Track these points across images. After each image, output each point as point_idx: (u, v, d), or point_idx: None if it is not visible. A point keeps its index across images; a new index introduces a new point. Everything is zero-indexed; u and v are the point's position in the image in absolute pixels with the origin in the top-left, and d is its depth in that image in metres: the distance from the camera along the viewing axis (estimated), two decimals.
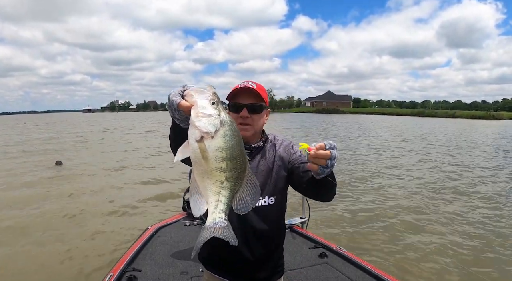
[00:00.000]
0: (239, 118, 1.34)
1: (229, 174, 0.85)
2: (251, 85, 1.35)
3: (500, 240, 4.74)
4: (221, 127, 0.83)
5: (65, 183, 8.38)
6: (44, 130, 30.94)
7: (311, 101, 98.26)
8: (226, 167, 0.84)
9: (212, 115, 0.82)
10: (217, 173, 0.84)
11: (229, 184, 0.86)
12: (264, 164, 1.41)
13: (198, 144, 0.82)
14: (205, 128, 0.81)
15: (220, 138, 0.82)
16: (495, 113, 68.14)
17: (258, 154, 1.43)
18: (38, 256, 4.27)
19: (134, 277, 2.30)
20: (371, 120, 48.36)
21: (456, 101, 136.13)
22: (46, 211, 6.11)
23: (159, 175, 9.18)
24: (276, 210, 1.43)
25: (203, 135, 0.81)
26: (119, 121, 49.34)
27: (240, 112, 1.34)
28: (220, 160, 0.83)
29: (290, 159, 1.41)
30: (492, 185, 8.33)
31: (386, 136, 22.43)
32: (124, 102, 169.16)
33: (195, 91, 0.85)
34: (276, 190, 1.41)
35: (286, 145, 1.47)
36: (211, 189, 0.86)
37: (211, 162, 0.83)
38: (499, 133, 26.92)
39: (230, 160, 0.84)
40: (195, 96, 0.84)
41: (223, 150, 0.82)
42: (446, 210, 6.10)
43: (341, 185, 7.86)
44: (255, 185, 0.90)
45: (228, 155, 0.83)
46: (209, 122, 0.82)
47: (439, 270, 3.95)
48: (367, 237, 4.87)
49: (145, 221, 5.24)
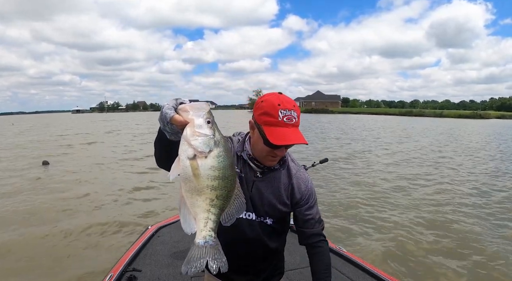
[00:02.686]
0: (272, 152, 1.24)
1: (219, 192, 0.84)
2: (295, 118, 1.20)
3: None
4: (215, 148, 0.82)
5: (56, 183, 8.28)
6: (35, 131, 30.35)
7: (301, 101, 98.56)
8: (218, 186, 0.83)
9: (207, 135, 0.81)
10: (208, 191, 0.83)
11: (219, 202, 0.85)
12: (272, 187, 1.35)
13: (190, 162, 0.81)
14: (200, 148, 0.80)
15: (214, 158, 0.82)
16: (482, 113, 69.69)
17: (269, 174, 1.35)
18: (37, 256, 4.22)
19: (134, 277, 2.29)
20: (361, 119, 48.80)
21: (444, 101, 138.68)
22: (45, 211, 6.05)
23: (159, 174, 9.06)
24: (278, 228, 1.41)
25: (197, 154, 0.81)
26: (116, 121, 48.68)
27: (276, 149, 1.23)
28: (212, 179, 0.82)
29: (299, 205, 1.37)
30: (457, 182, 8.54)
31: (384, 135, 22.77)
32: (113, 103, 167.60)
33: (192, 107, 0.84)
34: (277, 213, 1.37)
35: (304, 182, 1.38)
36: (200, 206, 0.85)
37: (203, 180, 0.82)
38: (483, 132, 27.73)
39: (222, 179, 0.83)
40: (191, 113, 0.83)
41: (216, 169, 0.82)
42: (446, 210, 6.14)
43: (341, 185, 7.90)
44: (242, 202, 0.90)
45: (220, 175, 0.83)
46: (204, 142, 0.81)
47: (439, 270, 3.95)
48: (367, 237, 4.87)
49: (145, 221, 5.23)
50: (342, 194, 7.14)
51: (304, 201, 1.37)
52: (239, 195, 0.90)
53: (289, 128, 1.18)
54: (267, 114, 1.19)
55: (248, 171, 1.32)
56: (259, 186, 1.33)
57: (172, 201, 6.44)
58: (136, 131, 26.93)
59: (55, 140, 19.68)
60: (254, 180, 1.33)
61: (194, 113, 0.83)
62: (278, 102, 1.19)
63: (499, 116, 68.87)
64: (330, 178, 8.61)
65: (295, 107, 1.21)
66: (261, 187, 1.33)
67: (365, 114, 74.53)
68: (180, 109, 0.84)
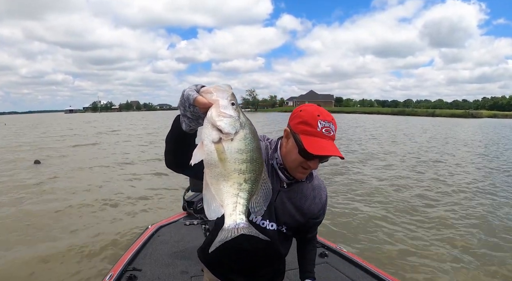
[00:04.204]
0: (305, 163, 1.20)
1: (247, 176, 0.82)
2: (333, 132, 1.19)
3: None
4: (241, 129, 0.80)
5: (51, 181, 8.27)
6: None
7: (294, 101, 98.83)
8: (246, 169, 0.81)
9: (233, 116, 0.79)
10: (236, 175, 0.81)
11: (247, 186, 0.83)
12: (295, 198, 1.34)
13: (216, 145, 0.78)
14: (226, 129, 0.78)
15: (240, 141, 0.80)
16: (474, 112, 70.37)
17: (296, 184, 1.33)
18: (37, 256, 4.20)
19: (134, 276, 2.29)
20: (355, 119, 49.07)
21: (437, 100, 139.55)
22: (44, 210, 6.03)
23: (159, 174, 9.08)
24: (290, 235, 1.42)
25: (222, 136, 0.78)
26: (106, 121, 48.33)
27: (310, 160, 1.19)
28: (239, 162, 0.80)
29: (314, 217, 1.40)
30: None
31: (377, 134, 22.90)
32: (106, 102, 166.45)
33: (215, 88, 0.81)
34: (294, 223, 1.37)
35: (323, 197, 1.42)
36: (228, 192, 0.83)
37: (230, 164, 0.80)
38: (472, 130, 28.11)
39: (250, 162, 0.81)
40: (215, 94, 0.80)
41: (243, 152, 0.80)
42: (446, 210, 6.17)
43: (341, 185, 7.94)
44: (268, 189, 0.87)
45: (248, 157, 0.81)
46: (230, 123, 0.78)
47: (439, 270, 3.96)
48: (367, 237, 4.88)
49: (145, 220, 5.19)
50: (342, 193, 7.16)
51: (319, 214, 1.42)
52: (266, 180, 0.87)
53: (326, 140, 1.16)
54: (306, 124, 1.17)
55: (275, 181, 1.29)
56: (283, 197, 1.32)
57: (172, 201, 6.43)
58: (133, 132, 26.71)
59: (48, 139, 19.53)
60: (279, 190, 1.31)
61: (219, 95, 0.80)
62: (318, 113, 1.18)
63: (491, 115, 69.62)
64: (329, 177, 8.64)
65: (333, 120, 1.20)
66: (284, 198, 1.32)
67: (358, 113, 74.79)
68: (203, 91, 0.82)
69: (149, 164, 10.88)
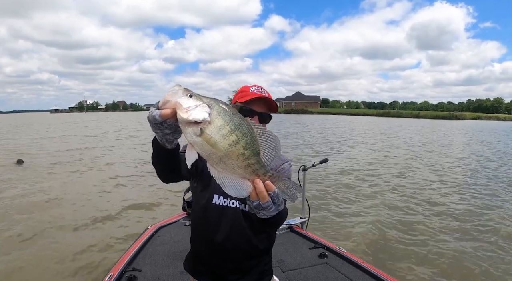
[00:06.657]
0: None
1: (243, 142, 0.83)
2: (265, 93, 1.36)
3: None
4: (211, 109, 0.82)
5: (46, 181, 8.21)
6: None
7: (280, 102, 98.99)
8: (238, 138, 0.82)
9: (197, 105, 0.82)
10: (234, 149, 0.82)
11: (250, 151, 0.84)
12: None
13: (202, 137, 0.81)
14: (200, 117, 0.80)
15: (217, 118, 0.82)
16: (458, 114, 71.83)
17: None
18: (36, 256, 4.17)
19: (134, 277, 2.30)
20: (341, 120, 49.48)
21: (423, 102, 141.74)
22: (43, 210, 5.98)
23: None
24: (252, 219, 1.37)
25: (201, 126, 0.80)
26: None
27: (251, 119, 1.28)
28: (228, 135, 0.81)
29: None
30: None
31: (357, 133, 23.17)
32: (92, 102, 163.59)
33: (168, 95, 0.83)
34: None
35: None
36: (239, 167, 0.84)
37: (222, 144, 0.81)
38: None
39: (238, 130, 0.82)
40: (171, 99, 0.83)
41: (226, 125, 0.82)
42: (446, 210, 6.26)
43: (341, 185, 7.96)
44: (271, 137, 0.87)
45: (233, 127, 0.82)
46: (199, 111, 0.81)
47: (439, 270, 4.01)
48: (367, 237, 4.91)
49: (145, 221, 5.19)
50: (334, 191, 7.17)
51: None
52: (263, 132, 0.87)
53: (258, 98, 1.34)
54: (241, 92, 1.40)
55: None
56: None
57: (172, 201, 6.42)
58: (123, 132, 26.37)
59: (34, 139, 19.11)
60: None
61: (174, 97, 0.82)
62: (251, 86, 1.40)
63: (474, 117, 71.24)
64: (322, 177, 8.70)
65: (266, 90, 1.40)
66: None
67: (344, 115, 75.41)
68: (161, 104, 0.85)
69: (149, 164, 10.69)
